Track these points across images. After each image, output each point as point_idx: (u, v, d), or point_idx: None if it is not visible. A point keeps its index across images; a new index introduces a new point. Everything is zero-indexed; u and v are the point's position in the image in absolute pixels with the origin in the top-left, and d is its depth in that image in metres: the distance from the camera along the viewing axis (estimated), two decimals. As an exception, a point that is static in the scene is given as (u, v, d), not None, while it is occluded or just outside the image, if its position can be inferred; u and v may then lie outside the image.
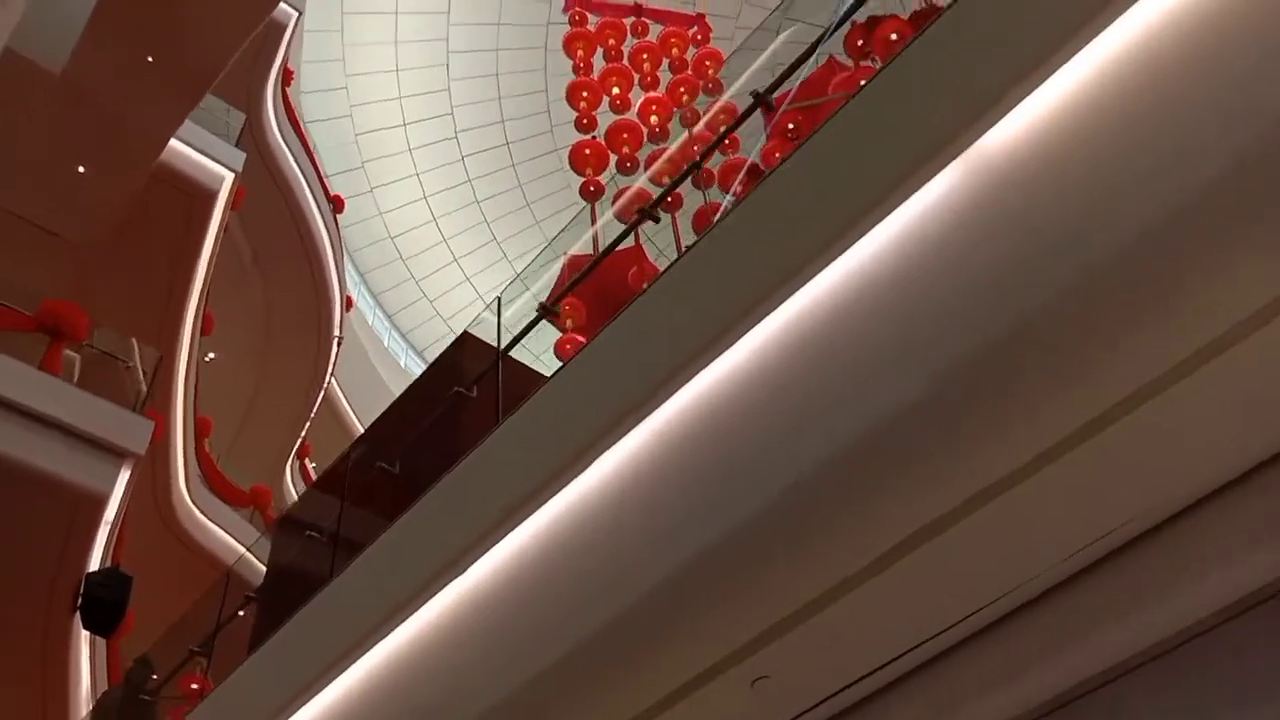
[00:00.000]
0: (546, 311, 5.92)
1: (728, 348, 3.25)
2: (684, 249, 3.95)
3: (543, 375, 6.53)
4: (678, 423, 3.30)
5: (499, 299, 6.19)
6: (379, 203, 29.55)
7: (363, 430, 24.72)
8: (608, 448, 3.45)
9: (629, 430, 3.40)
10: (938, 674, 3.39)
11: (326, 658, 4.35)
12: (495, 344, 6.78)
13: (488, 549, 3.72)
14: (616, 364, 3.74)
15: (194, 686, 10.68)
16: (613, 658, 3.18)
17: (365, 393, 25.15)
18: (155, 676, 7.70)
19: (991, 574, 3.20)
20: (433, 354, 32.05)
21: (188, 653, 6.33)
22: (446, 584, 3.86)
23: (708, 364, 3.29)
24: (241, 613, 16.72)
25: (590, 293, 14.90)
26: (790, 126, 9.32)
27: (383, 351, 29.22)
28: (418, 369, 31.55)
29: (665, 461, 3.32)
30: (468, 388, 5.10)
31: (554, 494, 3.56)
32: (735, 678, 3.19)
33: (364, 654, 4.21)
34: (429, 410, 5.95)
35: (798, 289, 3.13)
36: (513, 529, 3.67)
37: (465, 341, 6.36)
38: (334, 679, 4.34)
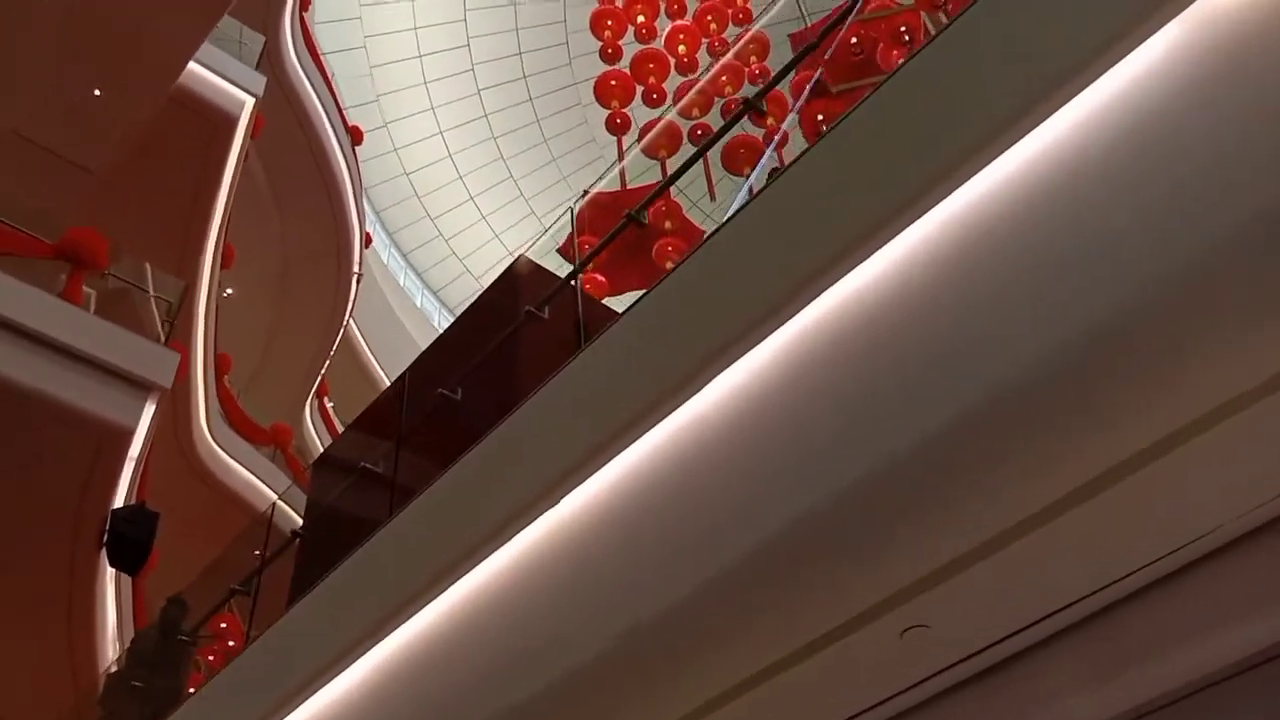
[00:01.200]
0: (631, 219, 5.44)
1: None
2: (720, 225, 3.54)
3: (602, 304, 6.11)
4: (825, 328, 2.86)
5: (571, 210, 5.76)
6: (394, 138, 28.88)
7: (380, 368, 24.42)
8: (741, 354, 2.99)
9: (770, 333, 2.94)
10: (1099, 631, 3.01)
11: (391, 602, 3.99)
12: (552, 270, 6.35)
13: (585, 478, 3.31)
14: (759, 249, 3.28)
15: (223, 625, 10.48)
16: (751, 597, 2.81)
17: (382, 332, 24.79)
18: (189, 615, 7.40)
19: (1152, 532, 2.83)
20: (450, 294, 31.61)
21: (228, 591, 5.98)
22: (534, 518, 3.47)
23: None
24: (252, 555, 16.54)
25: (606, 227, 14.44)
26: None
27: (399, 290, 28.77)
28: (433, 309, 31.14)
29: (799, 386, 2.91)
30: (538, 308, 4.67)
31: (669, 413, 3.12)
32: (885, 625, 2.83)
33: (438, 594, 3.84)
34: (485, 338, 5.54)
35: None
36: (613, 457, 3.26)
37: (520, 267, 5.93)
38: (401, 624, 3.99)
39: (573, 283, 4.84)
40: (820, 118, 8.13)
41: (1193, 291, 2.38)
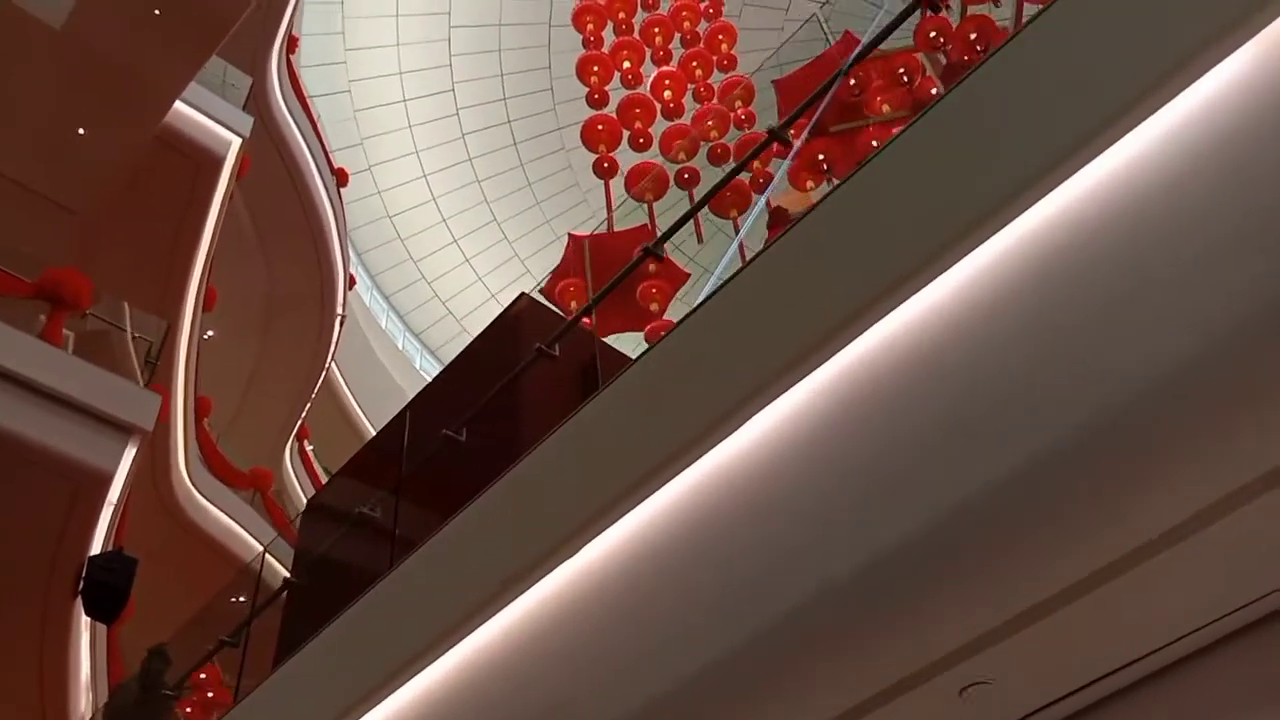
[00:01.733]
0: (648, 254, 5.32)
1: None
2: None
3: (608, 345, 5.99)
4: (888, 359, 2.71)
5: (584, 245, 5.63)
6: (378, 181, 28.84)
7: (360, 411, 24.10)
8: (784, 390, 2.83)
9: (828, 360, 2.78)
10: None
11: (391, 659, 3.78)
12: (556, 309, 6.23)
13: (611, 524, 3.15)
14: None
15: (203, 676, 10.14)
16: (801, 653, 2.64)
17: (363, 374, 24.55)
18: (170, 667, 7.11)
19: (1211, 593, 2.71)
20: (431, 337, 31.40)
21: (217, 643, 5.74)
22: (552, 569, 3.30)
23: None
24: (233, 603, 16.13)
25: (596, 272, 14.39)
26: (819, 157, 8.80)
27: (381, 333, 28.56)
28: (416, 353, 30.92)
29: (858, 421, 2.75)
30: (549, 346, 4.52)
31: (705, 451, 2.96)
32: (942, 685, 2.67)
33: (441, 653, 3.64)
34: (488, 377, 5.39)
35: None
36: (643, 500, 3.09)
37: (523, 304, 5.80)
38: (400, 684, 3.77)
39: (584, 319, 4.68)
40: (821, 157, 8.11)
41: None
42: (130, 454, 9.63)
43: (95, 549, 10.10)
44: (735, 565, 2.78)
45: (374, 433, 24.19)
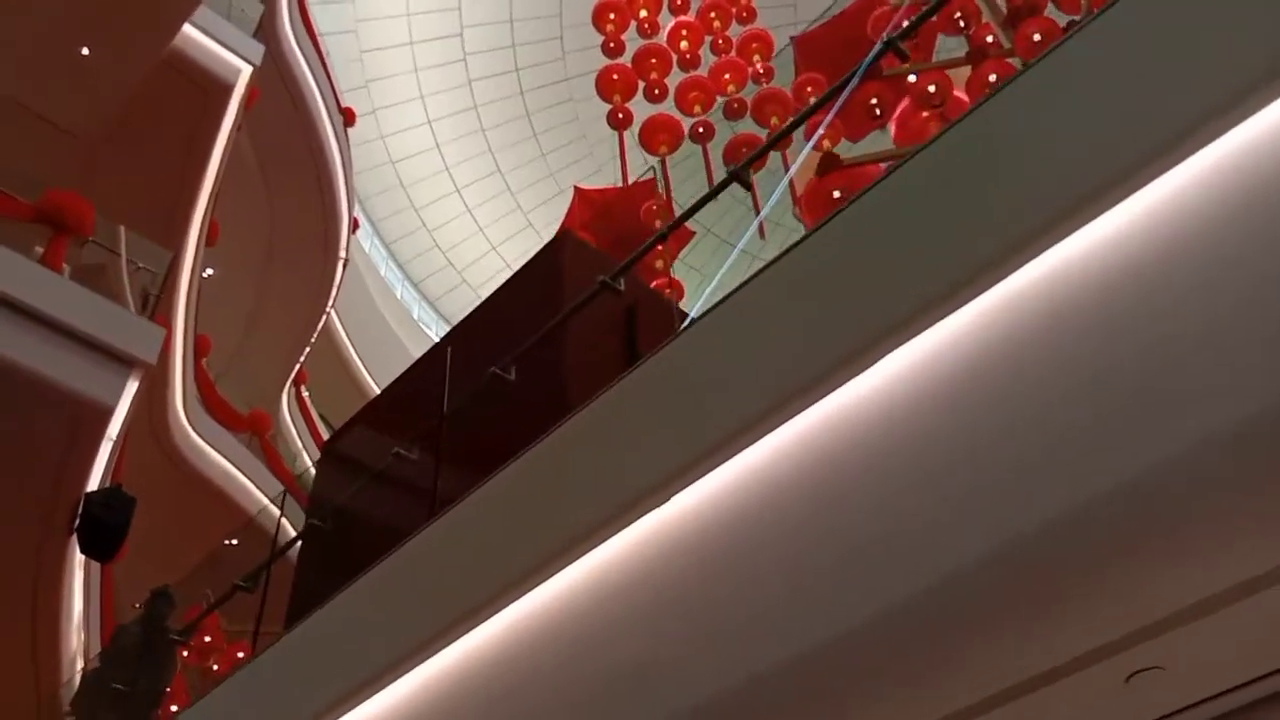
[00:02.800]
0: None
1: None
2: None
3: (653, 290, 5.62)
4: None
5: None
6: (381, 125, 28.19)
7: (358, 358, 23.66)
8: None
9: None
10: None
11: (452, 609, 3.41)
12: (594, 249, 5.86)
13: (717, 464, 2.77)
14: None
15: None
16: (953, 627, 2.31)
17: (360, 322, 24.09)
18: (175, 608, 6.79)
19: None
20: (431, 287, 30.91)
21: (231, 587, 5.41)
22: (635, 519, 2.94)
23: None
24: (225, 542, 15.71)
25: (601, 226, 14.01)
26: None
27: (380, 280, 28.05)
28: (414, 302, 30.44)
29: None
30: (613, 279, 4.12)
31: (833, 389, 2.61)
32: (1110, 669, 2.36)
33: (489, 615, 3.28)
34: (530, 315, 5.02)
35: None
36: (756, 441, 2.72)
37: (566, 242, 5.41)
38: (467, 632, 3.39)
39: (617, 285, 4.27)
40: (874, 101, 7.72)
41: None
42: (132, 388, 9.25)
43: (93, 486, 9.75)
44: (877, 515, 2.39)
45: (371, 381, 23.81)
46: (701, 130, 14.06)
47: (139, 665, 6.17)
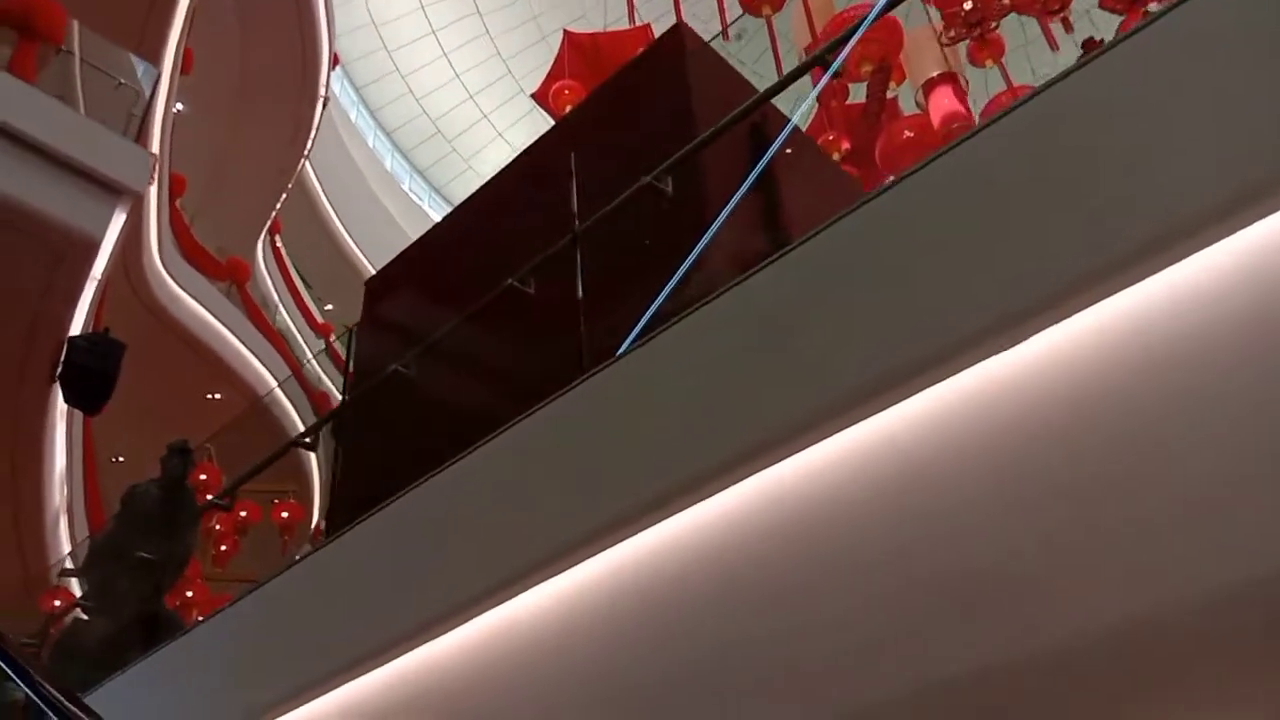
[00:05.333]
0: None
1: None
2: None
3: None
4: None
5: None
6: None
7: (335, 215, 22.30)
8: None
9: None
10: None
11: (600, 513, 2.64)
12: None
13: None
14: None
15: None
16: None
17: (331, 169, 22.66)
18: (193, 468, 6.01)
19: None
20: (403, 137, 29.21)
21: (285, 444, 4.64)
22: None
23: None
24: (208, 396, 14.86)
25: (591, 75, 12.87)
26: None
27: (350, 127, 26.41)
28: (387, 153, 28.85)
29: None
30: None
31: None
32: None
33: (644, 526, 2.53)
34: (650, 123, 4.18)
35: None
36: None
37: (687, 41, 4.46)
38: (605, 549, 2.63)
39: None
40: None
41: None
42: (119, 220, 8.22)
43: (75, 331, 8.81)
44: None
45: (344, 232, 22.56)
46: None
47: (161, 529, 5.45)
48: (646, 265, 3.40)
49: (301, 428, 13.99)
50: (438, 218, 25.91)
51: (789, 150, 4.41)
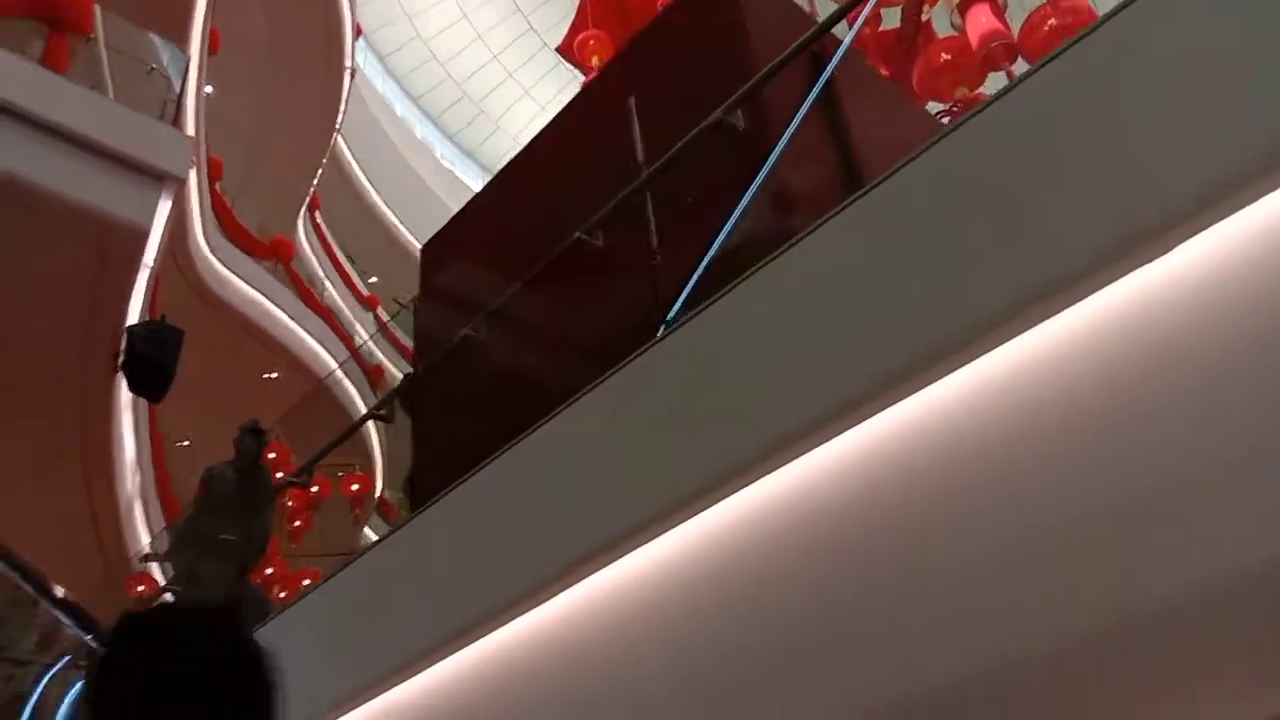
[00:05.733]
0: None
1: None
2: None
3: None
4: None
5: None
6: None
7: (372, 189, 22.16)
8: None
9: None
10: None
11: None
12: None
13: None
14: None
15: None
16: None
17: (365, 142, 22.56)
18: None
19: None
20: (421, 87, 28.86)
21: (359, 418, 4.58)
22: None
23: None
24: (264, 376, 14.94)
25: (616, 22, 12.51)
26: None
27: (378, 98, 26.24)
28: (416, 120, 28.67)
29: None
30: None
31: None
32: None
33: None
34: (715, 68, 3.98)
35: None
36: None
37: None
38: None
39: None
40: None
41: None
42: (166, 207, 8.19)
43: (132, 319, 8.84)
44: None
45: (382, 204, 22.48)
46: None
47: (241, 511, 5.45)
48: (721, 205, 3.24)
49: (359, 402, 14.07)
50: (471, 182, 25.79)
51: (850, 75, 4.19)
